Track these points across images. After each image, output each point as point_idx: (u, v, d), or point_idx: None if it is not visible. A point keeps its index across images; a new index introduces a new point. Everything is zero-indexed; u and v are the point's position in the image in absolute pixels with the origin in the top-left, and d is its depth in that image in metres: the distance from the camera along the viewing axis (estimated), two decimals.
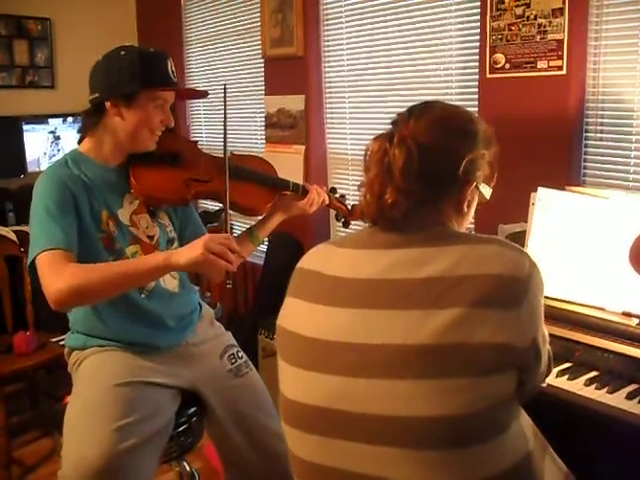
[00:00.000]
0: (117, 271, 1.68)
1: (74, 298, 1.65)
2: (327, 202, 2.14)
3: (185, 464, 2.06)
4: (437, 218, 1.23)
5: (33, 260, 1.68)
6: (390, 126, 1.26)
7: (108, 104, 1.79)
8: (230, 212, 1.88)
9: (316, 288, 1.24)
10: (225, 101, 2.05)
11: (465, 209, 1.27)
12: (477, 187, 1.27)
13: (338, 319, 1.18)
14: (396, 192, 1.17)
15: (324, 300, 1.21)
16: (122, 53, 1.81)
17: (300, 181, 2.14)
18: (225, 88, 2.08)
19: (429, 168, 1.18)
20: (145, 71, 1.78)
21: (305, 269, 1.29)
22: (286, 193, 2.09)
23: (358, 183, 1.28)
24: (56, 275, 1.64)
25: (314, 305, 1.22)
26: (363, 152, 1.27)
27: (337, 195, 2.22)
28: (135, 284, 1.78)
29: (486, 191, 1.29)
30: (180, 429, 1.88)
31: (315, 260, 1.29)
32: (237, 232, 4.09)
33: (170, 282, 1.94)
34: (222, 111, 2.07)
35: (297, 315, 1.25)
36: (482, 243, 1.16)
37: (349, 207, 2.19)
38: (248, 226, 2.15)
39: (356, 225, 2.25)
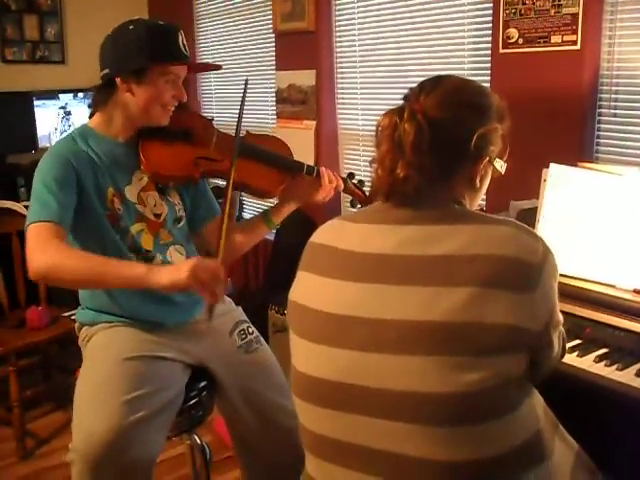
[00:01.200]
0: (96, 267, 1.65)
1: (48, 277, 1.68)
2: (342, 188, 2.08)
3: (196, 437, 2.08)
4: (450, 195, 1.23)
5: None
6: (402, 101, 1.25)
7: (118, 80, 1.78)
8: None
9: (328, 262, 1.24)
10: (244, 95, 1.99)
11: (478, 184, 1.27)
12: (490, 162, 1.26)
13: (350, 293, 1.19)
14: (407, 166, 1.17)
15: (336, 274, 1.22)
16: (130, 27, 1.79)
17: (314, 165, 2.07)
18: (246, 82, 2.02)
19: (440, 142, 1.18)
20: (153, 45, 1.76)
21: (317, 243, 1.30)
22: (300, 176, 2.03)
23: (369, 158, 1.28)
24: (39, 249, 1.66)
25: (326, 279, 1.23)
26: (374, 127, 1.27)
27: (354, 180, 2.15)
28: (108, 286, 1.77)
29: (500, 165, 1.29)
30: (190, 403, 1.89)
31: (327, 235, 1.30)
32: (248, 212, 4.10)
33: (177, 258, 1.93)
34: (234, 88, 2.04)
35: (309, 289, 1.26)
36: (497, 224, 1.16)
37: (366, 193, 2.12)
38: (261, 205, 2.14)
39: None
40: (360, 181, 2.16)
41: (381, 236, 1.21)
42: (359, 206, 2.12)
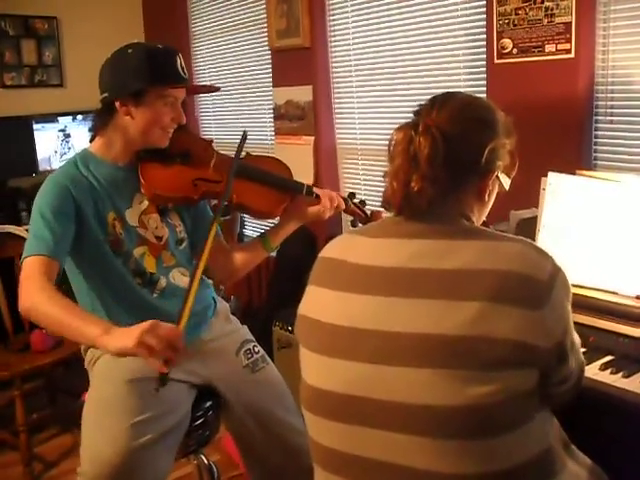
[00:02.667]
0: (61, 317, 1.60)
1: (29, 316, 1.67)
2: (342, 207, 2.05)
3: (203, 457, 2.07)
4: (460, 208, 1.25)
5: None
6: (410, 116, 1.27)
7: (117, 103, 1.79)
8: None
9: (339, 276, 1.25)
10: (240, 147, 1.97)
11: (486, 198, 1.29)
12: (497, 177, 1.28)
13: (360, 306, 1.19)
14: (422, 180, 1.19)
15: (347, 287, 1.23)
16: (129, 51, 1.80)
17: (314, 185, 2.06)
18: (244, 135, 2.00)
19: (453, 156, 1.20)
20: (152, 68, 1.77)
21: (327, 257, 1.31)
22: (300, 197, 2.01)
23: (368, 172, 1.29)
24: (25, 287, 1.65)
25: (336, 292, 1.24)
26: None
27: (356, 200, 2.13)
28: (68, 337, 1.69)
29: (505, 181, 1.31)
30: (197, 423, 1.89)
31: (337, 249, 1.31)
32: (250, 230, 4.10)
33: (180, 279, 1.93)
34: (232, 107, 2.04)
35: (319, 302, 1.27)
36: (507, 241, 1.18)
37: (367, 213, 2.11)
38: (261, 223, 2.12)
39: None
40: (361, 201, 2.14)
41: (391, 249, 1.22)
42: (360, 226, 2.08)
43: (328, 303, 1.24)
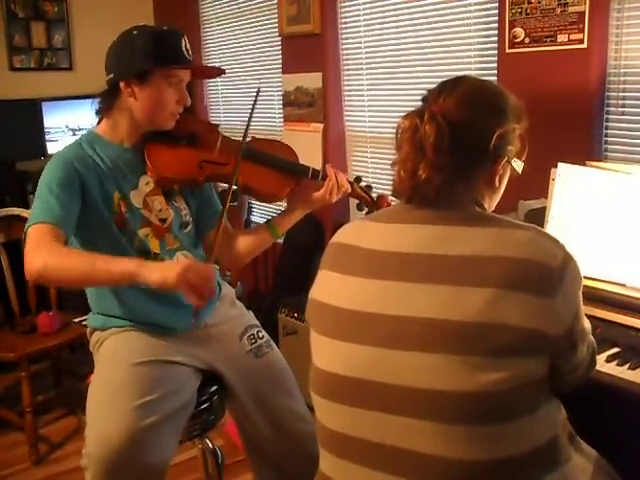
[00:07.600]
0: (88, 262, 1.62)
1: (44, 277, 1.65)
2: (349, 190, 2.04)
3: (207, 441, 2.08)
4: (470, 195, 1.25)
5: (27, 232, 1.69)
6: (420, 102, 1.26)
7: (122, 84, 1.79)
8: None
9: (351, 261, 1.26)
10: (255, 103, 1.99)
11: (497, 184, 1.29)
12: (509, 162, 1.28)
13: (373, 291, 1.20)
14: (429, 168, 1.18)
15: (359, 272, 1.23)
16: (135, 33, 1.80)
17: (320, 169, 2.03)
18: (258, 91, 2.01)
19: (460, 144, 1.19)
20: (157, 49, 1.77)
21: (339, 243, 1.31)
22: (306, 180, 2.00)
23: (377, 160, 1.29)
24: (34, 249, 1.64)
25: (349, 277, 1.24)
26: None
27: (362, 184, 2.11)
28: (101, 282, 1.73)
29: (518, 165, 1.30)
30: (202, 407, 1.90)
31: (349, 234, 1.31)
32: (257, 216, 4.10)
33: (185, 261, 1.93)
34: (241, 92, 2.04)
35: (331, 287, 1.27)
36: (519, 228, 1.18)
37: (374, 197, 2.10)
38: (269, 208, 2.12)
39: None
40: (368, 185, 2.14)
41: (403, 235, 1.22)
42: (366, 209, 2.09)
43: (340, 287, 1.25)
